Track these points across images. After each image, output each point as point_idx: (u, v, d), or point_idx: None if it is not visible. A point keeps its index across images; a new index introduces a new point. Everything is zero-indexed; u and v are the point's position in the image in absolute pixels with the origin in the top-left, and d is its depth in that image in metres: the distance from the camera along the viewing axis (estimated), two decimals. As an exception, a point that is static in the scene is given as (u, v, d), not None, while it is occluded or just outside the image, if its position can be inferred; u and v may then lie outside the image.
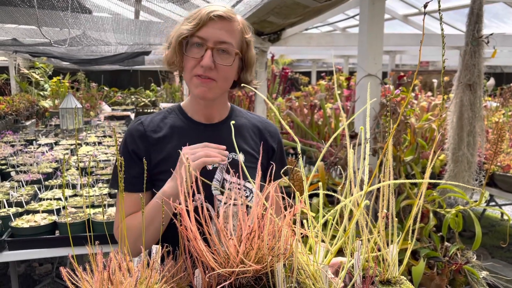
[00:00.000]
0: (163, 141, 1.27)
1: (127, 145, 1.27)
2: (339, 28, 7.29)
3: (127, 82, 15.46)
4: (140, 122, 1.31)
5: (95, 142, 4.85)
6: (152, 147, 1.27)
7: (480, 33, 2.50)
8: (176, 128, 1.30)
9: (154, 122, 1.31)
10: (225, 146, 1.21)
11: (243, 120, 1.41)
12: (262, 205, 0.92)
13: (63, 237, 2.23)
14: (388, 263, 0.97)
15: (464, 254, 2.49)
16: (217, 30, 1.21)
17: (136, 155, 1.26)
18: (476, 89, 2.52)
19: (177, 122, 1.32)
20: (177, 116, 1.34)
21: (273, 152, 1.41)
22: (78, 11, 2.58)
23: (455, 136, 2.57)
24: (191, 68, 1.22)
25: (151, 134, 1.28)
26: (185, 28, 1.20)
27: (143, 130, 1.29)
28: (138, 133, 1.28)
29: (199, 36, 1.20)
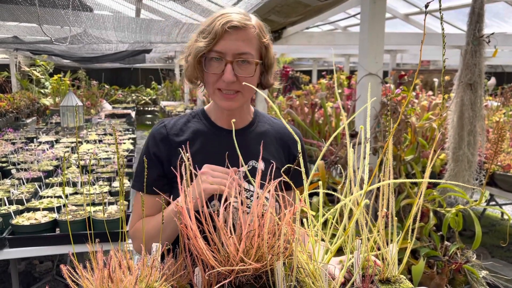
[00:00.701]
0: (185, 145, 1.25)
1: (149, 148, 1.29)
2: (340, 27, 7.28)
3: (128, 80, 15.47)
4: (163, 125, 1.32)
5: (95, 140, 4.86)
6: (174, 150, 1.26)
7: (481, 33, 2.49)
8: (199, 133, 1.31)
9: (177, 125, 1.32)
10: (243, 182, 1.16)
11: (266, 127, 1.39)
12: (262, 205, 0.92)
13: (63, 235, 2.23)
14: (387, 262, 0.97)
15: (464, 253, 2.50)
16: (234, 42, 1.18)
17: (157, 158, 1.27)
18: (477, 88, 2.52)
19: (200, 126, 1.33)
20: (200, 121, 1.34)
21: (295, 160, 1.39)
22: (79, 9, 2.58)
23: (456, 135, 2.57)
24: (213, 83, 1.22)
25: (174, 138, 1.29)
26: (201, 45, 1.18)
27: (165, 133, 1.29)
28: (161, 136, 1.29)
29: (216, 51, 1.18)
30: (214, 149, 1.25)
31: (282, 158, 1.36)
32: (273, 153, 1.34)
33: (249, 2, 3.03)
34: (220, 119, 1.33)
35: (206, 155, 1.27)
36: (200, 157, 1.24)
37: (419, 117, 3.01)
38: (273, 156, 1.33)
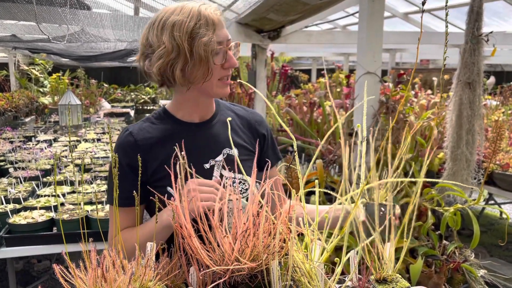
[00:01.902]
0: (156, 147, 1.24)
1: (119, 159, 1.21)
2: (339, 26, 7.27)
3: (127, 79, 15.45)
4: (128, 132, 1.25)
5: (94, 139, 4.85)
6: (147, 155, 1.23)
7: (479, 31, 2.49)
8: (168, 132, 1.27)
9: (144, 129, 1.27)
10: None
11: (229, 113, 1.40)
12: (257, 203, 0.92)
13: (60, 234, 2.22)
14: (384, 261, 0.97)
15: (462, 252, 2.49)
16: (223, 30, 1.21)
17: (130, 168, 1.21)
18: (476, 87, 2.51)
19: (167, 126, 1.29)
20: (165, 120, 1.30)
21: (264, 140, 1.41)
22: (77, 7, 2.57)
23: (454, 134, 2.57)
24: (217, 73, 1.21)
25: (144, 142, 1.24)
26: (208, 39, 1.15)
27: (133, 140, 1.23)
28: (129, 144, 1.23)
29: (218, 42, 1.18)
30: (187, 145, 1.23)
31: (252, 140, 1.38)
32: (243, 137, 1.36)
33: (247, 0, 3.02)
34: (191, 115, 1.30)
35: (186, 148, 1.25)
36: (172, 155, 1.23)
37: (418, 116, 3.00)
38: (243, 140, 1.35)
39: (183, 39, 1.15)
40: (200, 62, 1.16)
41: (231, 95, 5.86)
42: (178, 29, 1.16)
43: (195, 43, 1.15)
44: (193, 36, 1.16)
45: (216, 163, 1.28)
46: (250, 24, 4.18)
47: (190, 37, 1.16)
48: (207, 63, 1.17)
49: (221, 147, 1.30)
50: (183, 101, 1.30)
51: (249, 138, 1.37)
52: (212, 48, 1.15)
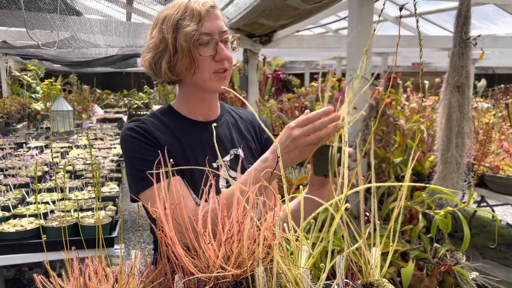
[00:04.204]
0: (167, 140, 1.22)
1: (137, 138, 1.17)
2: (331, 30, 7.30)
3: (120, 85, 15.42)
4: (141, 121, 1.23)
5: (86, 145, 4.82)
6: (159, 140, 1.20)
7: (467, 35, 2.50)
8: (175, 126, 1.26)
9: (153, 122, 1.25)
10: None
11: (234, 115, 1.40)
12: (242, 208, 0.91)
13: (50, 242, 2.20)
14: (371, 266, 0.97)
15: (453, 255, 2.49)
16: (216, 21, 1.19)
17: (153, 143, 1.18)
18: (464, 90, 2.52)
19: (174, 122, 1.27)
20: (172, 117, 1.28)
21: (267, 143, 1.41)
22: (66, 13, 2.56)
23: (444, 137, 2.57)
24: (208, 67, 1.19)
25: (157, 132, 1.21)
26: (190, 29, 1.14)
27: (147, 128, 1.21)
28: (144, 129, 1.20)
29: (205, 33, 1.16)
30: (194, 142, 1.22)
31: (256, 143, 1.38)
32: (248, 139, 1.36)
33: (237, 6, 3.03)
34: (195, 113, 1.29)
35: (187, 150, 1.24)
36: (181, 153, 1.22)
37: (409, 119, 3.02)
38: (249, 142, 1.36)
39: (169, 31, 1.16)
40: (183, 53, 1.15)
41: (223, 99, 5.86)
42: (166, 22, 1.17)
43: (178, 34, 1.15)
44: (177, 27, 1.16)
45: (224, 163, 1.27)
46: (241, 29, 4.19)
47: (174, 29, 1.16)
48: (190, 55, 1.16)
49: (227, 148, 1.30)
50: (187, 98, 1.28)
51: (253, 141, 1.38)
52: (194, 39, 1.14)
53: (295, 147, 1.07)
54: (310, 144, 1.08)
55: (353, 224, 0.97)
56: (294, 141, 1.07)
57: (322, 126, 1.08)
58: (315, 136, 1.07)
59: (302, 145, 1.07)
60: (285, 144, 1.08)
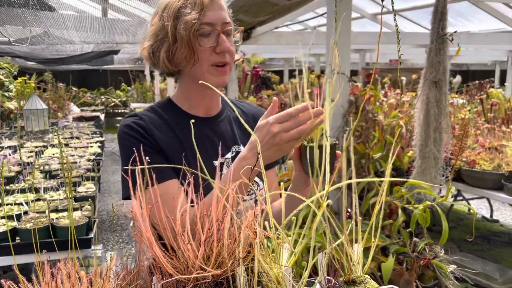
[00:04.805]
0: (165, 137, 1.17)
1: (134, 136, 1.13)
2: (309, 27, 7.31)
3: (96, 82, 15.15)
4: (138, 117, 1.18)
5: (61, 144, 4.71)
6: (158, 140, 1.15)
7: (444, 31, 2.53)
8: (174, 121, 1.21)
9: (152, 118, 1.19)
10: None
11: (237, 109, 1.37)
12: (222, 207, 0.89)
13: (23, 244, 2.13)
14: (353, 262, 0.96)
15: (432, 249, 2.52)
16: (219, 11, 1.14)
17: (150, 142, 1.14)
18: (442, 86, 2.55)
19: (174, 117, 1.21)
20: (171, 112, 1.23)
21: None
22: (37, 7, 2.48)
23: (422, 132, 2.60)
24: (207, 58, 1.14)
25: (155, 129, 1.16)
26: (193, 17, 1.09)
27: (145, 124, 1.16)
28: (142, 127, 1.15)
29: (206, 23, 1.12)
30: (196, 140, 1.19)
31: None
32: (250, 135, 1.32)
33: (215, 1, 2.99)
34: (196, 107, 1.24)
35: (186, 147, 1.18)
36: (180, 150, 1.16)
37: (387, 115, 3.04)
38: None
39: (169, 19, 1.12)
40: (182, 43, 1.11)
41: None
42: (167, 9, 1.13)
43: (178, 22, 1.10)
44: (178, 15, 1.11)
45: (225, 161, 1.24)
46: (220, 25, 4.14)
47: (175, 17, 1.11)
48: (190, 45, 1.11)
49: (229, 144, 1.26)
50: (187, 92, 1.24)
51: None
52: (194, 28, 1.10)
53: (275, 143, 1.05)
54: (290, 139, 1.05)
55: (334, 220, 0.96)
56: (273, 137, 1.05)
57: (302, 122, 1.05)
58: (296, 131, 1.05)
59: (282, 141, 1.05)
60: (265, 141, 1.05)
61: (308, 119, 1.05)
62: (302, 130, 1.04)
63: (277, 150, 1.06)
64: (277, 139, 1.04)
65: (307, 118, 1.05)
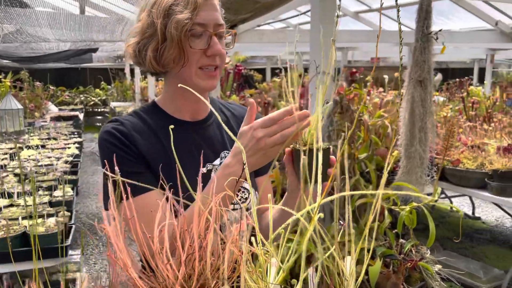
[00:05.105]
0: (148, 143, 1.09)
1: (114, 144, 1.06)
2: (291, 25, 7.28)
3: (75, 81, 14.84)
4: (119, 122, 1.10)
5: (38, 145, 4.55)
6: (140, 147, 1.07)
7: (429, 29, 2.51)
8: (159, 127, 1.13)
9: (134, 123, 1.12)
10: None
11: (226, 112, 1.27)
12: (204, 221, 0.82)
13: (-5, 254, 2.02)
14: (345, 277, 0.90)
15: (418, 250, 2.50)
16: (212, 12, 1.08)
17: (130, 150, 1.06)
18: (427, 85, 2.53)
19: (159, 122, 1.14)
20: (155, 115, 1.16)
21: None
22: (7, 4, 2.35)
23: (407, 132, 2.57)
24: (196, 61, 1.07)
25: (137, 135, 1.08)
26: (186, 16, 1.02)
27: (126, 130, 1.08)
28: (122, 133, 1.07)
29: (199, 23, 1.05)
30: (181, 144, 1.11)
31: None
32: None
33: (196, -2, 2.90)
34: (182, 111, 1.17)
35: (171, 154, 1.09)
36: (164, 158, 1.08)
37: (372, 114, 3.01)
38: None
39: (159, 16, 1.04)
40: (172, 43, 1.03)
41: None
42: (157, 5, 1.05)
43: (169, 21, 1.03)
44: (169, 13, 1.03)
45: (214, 167, 1.16)
46: (201, 23, 4.06)
47: (165, 14, 1.04)
48: (180, 45, 1.04)
49: (218, 150, 1.18)
50: (173, 94, 1.16)
51: None
52: (186, 28, 1.03)
53: (259, 148, 0.99)
54: (275, 144, 0.99)
55: (323, 230, 0.90)
56: (258, 142, 0.98)
57: (286, 125, 0.99)
58: (280, 135, 0.99)
59: (266, 146, 0.99)
60: (249, 146, 0.98)
61: (293, 123, 0.99)
62: (286, 134, 0.99)
63: (261, 156, 1.00)
64: (262, 144, 0.98)
65: (292, 121, 0.99)
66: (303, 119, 1.00)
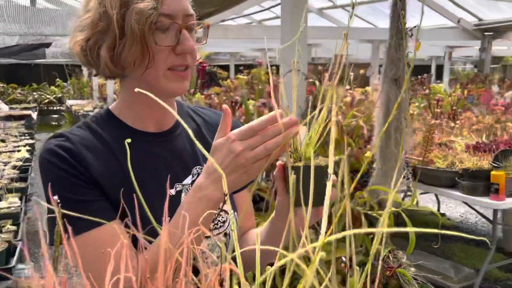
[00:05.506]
0: (102, 162, 0.88)
1: (58, 165, 0.84)
2: (255, 21, 7.14)
3: (28, 78, 14.10)
4: (65, 137, 0.87)
5: (-17, 148, 4.18)
6: (91, 168, 0.85)
7: (404, 26, 2.41)
8: (116, 144, 0.90)
9: (84, 137, 0.89)
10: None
11: (197, 119, 1.06)
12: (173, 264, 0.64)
13: None
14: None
15: (395, 255, 2.42)
16: (182, 2, 0.87)
17: (79, 172, 0.84)
18: (402, 84, 2.44)
19: (115, 135, 0.92)
20: (110, 127, 0.93)
21: None
22: None
23: (383, 133, 2.47)
24: (164, 60, 0.86)
25: (88, 153, 0.86)
26: (147, 6, 0.81)
27: (73, 147, 0.86)
28: (69, 152, 0.85)
29: (165, 14, 0.83)
30: (145, 163, 0.91)
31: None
32: None
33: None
34: (143, 120, 0.94)
35: (129, 175, 0.85)
36: (121, 180, 0.85)
37: (344, 114, 2.91)
38: None
39: (114, 5, 0.82)
40: (133, 39, 0.82)
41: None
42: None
43: (128, 12, 0.82)
44: (127, 2, 0.82)
45: (184, 188, 0.95)
46: (162, 17, 3.84)
47: (123, 3, 0.82)
48: (143, 42, 0.82)
49: (189, 166, 0.97)
50: (133, 101, 0.93)
51: None
52: (150, 20, 0.81)
53: (239, 165, 0.79)
54: (258, 159, 0.80)
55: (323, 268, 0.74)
56: (237, 157, 0.79)
57: (270, 136, 0.81)
58: (263, 148, 0.80)
59: (248, 162, 0.79)
60: (226, 163, 0.78)
61: (278, 133, 0.81)
62: (271, 147, 0.80)
63: (242, 174, 0.80)
64: (241, 160, 0.79)
65: (277, 131, 0.80)
66: (290, 127, 0.82)
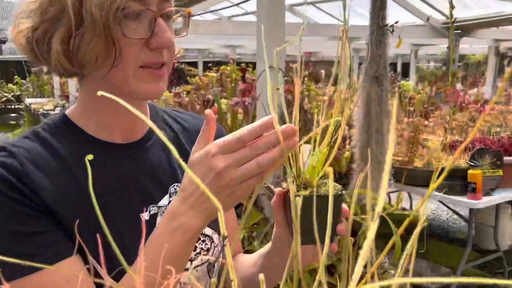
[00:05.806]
0: (55, 183, 0.68)
1: (1, 192, 0.64)
2: (223, 17, 6.98)
3: (-17, 75, 13.38)
4: (7, 152, 0.67)
5: None
6: (41, 190, 0.66)
7: (384, 21, 2.32)
8: (72, 159, 0.71)
9: (32, 151, 0.69)
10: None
11: (174, 126, 0.86)
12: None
13: None
14: None
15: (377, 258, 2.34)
16: None
17: (26, 197, 0.65)
18: (383, 81, 2.35)
19: (71, 146, 0.72)
20: (68, 137, 0.73)
21: None
22: None
23: (363, 133, 2.39)
24: (134, 57, 0.66)
25: (38, 171, 0.66)
26: None
27: (19, 166, 0.65)
28: (12, 171, 0.65)
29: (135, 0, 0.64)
30: (111, 182, 0.71)
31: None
32: None
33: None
34: (110, 128, 0.75)
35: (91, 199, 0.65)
36: (81, 206, 0.66)
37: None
38: None
39: None
40: (94, 29, 0.62)
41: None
42: None
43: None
44: None
45: (159, 211, 0.76)
46: (127, 11, 3.62)
47: None
48: (107, 33, 0.63)
49: (165, 184, 0.79)
50: (96, 106, 0.73)
51: None
52: (117, 5, 0.61)
53: (222, 186, 0.59)
54: (246, 178, 0.63)
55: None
56: (218, 177, 0.60)
57: (263, 148, 0.63)
58: (255, 164, 0.60)
59: (234, 182, 0.59)
60: (205, 183, 0.59)
61: (272, 144, 0.64)
62: (265, 163, 0.62)
63: (226, 197, 0.61)
64: (225, 179, 0.60)
65: (271, 142, 0.63)
66: (288, 137, 0.65)
